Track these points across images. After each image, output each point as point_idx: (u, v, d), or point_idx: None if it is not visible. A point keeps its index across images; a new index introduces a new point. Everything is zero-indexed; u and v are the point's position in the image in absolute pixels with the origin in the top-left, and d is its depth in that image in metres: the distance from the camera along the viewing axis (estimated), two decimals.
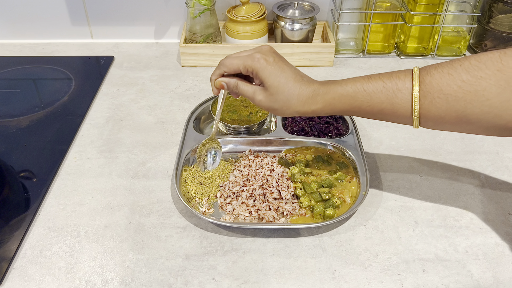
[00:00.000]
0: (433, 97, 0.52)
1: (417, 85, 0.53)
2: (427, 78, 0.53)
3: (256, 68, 0.59)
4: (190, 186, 0.70)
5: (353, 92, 0.57)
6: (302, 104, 0.59)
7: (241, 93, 0.62)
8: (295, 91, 0.58)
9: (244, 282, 0.58)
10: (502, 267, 0.59)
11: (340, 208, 0.66)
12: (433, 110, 0.53)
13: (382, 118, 0.58)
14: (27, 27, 1.11)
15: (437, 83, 0.52)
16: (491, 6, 1.00)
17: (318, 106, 0.59)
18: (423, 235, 0.63)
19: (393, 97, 0.55)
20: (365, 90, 0.56)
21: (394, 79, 0.55)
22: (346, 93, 0.57)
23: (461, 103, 0.51)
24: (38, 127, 0.84)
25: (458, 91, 0.51)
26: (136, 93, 0.94)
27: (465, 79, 0.50)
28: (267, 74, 0.58)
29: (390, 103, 0.55)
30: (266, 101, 0.60)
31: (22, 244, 0.63)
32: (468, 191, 0.71)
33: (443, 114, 0.53)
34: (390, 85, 0.55)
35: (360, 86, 0.56)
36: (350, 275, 0.58)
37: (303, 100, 0.58)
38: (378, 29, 1.03)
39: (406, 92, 0.54)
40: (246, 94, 0.62)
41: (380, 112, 0.57)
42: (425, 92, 0.53)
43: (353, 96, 0.57)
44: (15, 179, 0.74)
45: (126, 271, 0.59)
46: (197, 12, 0.97)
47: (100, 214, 0.67)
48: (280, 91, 0.59)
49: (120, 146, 0.80)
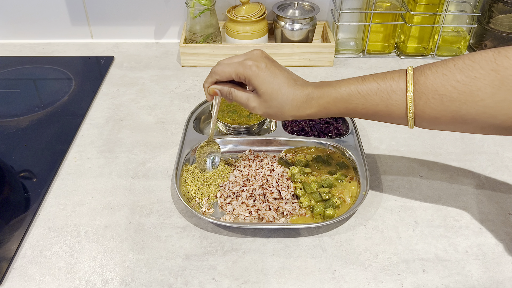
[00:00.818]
0: (427, 98, 0.52)
1: (411, 86, 0.53)
2: (421, 78, 0.53)
3: (248, 76, 0.58)
4: (190, 186, 0.70)
5: (347, 95, 0.56)
6: (297, 108, 0.58)
7: (234, 100, 0.62)
8: (289, 97, 0.58)
9: (244, 282, 0.58)
10: (502, 267, 0.59)
11: (340, 208, 0.66)
12: (428, 110, 0.53)
13: (378, 119, 0.58)
14: (27, 27, 1.11)
15: (432, 83, 0.52)
16: (491, 6, 1.00)
17: (313, 110, 0.58)
18: (423, 235, 0.64)
19: (387, 99, 0.54)
20: (359, 92, 0.56)
21: (388, 80, 0.55)
22: (341, 96, 0.57)
23: (456, 103, 0.51)
24: (38, 127, 0.84)
25: (452, 91, 0.51)
26: (136, 93, 0.94)
27: (459, 79, 0.50)
28: (260, 81, 0.58)
29: (384, 105, 0.55)
30: (261, 107, 0.60)
31: (22, 244, 0.63)
32: (468, 191, 0.71)
33: (438, 114, 0.53)
34: (384, 86, 0.55)
35: (354, 89, 0.56)
36: (350, 275, 0.58)
37: (297, 105, 0.58)
38: (378, 29, 1.03)
39: (401, 94, 0.54)
40: (240, 101, 0.61)
41: (375, 114, 0.57)
42: (419, 93, 0.52)
43: (347, 100, 0.56)
44: (15, 179, 0.74)
45: (126, 271, 0.59)
46: (197, 12, 0.97)
47: (100, 214, 0.67)
48: (273, 98, 0.58)
49: (120, 146, 0.80)
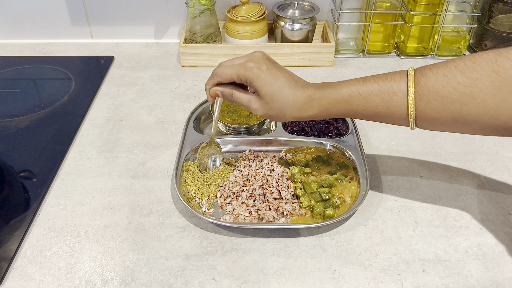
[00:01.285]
0: (428, 99, 0.52)
1: (412, 87, 0.53)
2: (422, 80, 0.53)
3: (250, 78, 0.58)
4: (190, 186, 0.70)
5: (348, 97, 0.56)
6: (298, 110, 0.58)
7: (236, 102, 0.62)
8: (290, 98, 0.58)
9: (244, 282, 0.58)
10: (502, 267, 0.59)
11: (340, 208, 0.66)
12: (428, 111, 0.53)
13: (378, 120, 0.58)
14: (27, 27, 1.11)
15: (433, 85, 0.52)
16: (491, 6, 1.00)
17: (314, 112, 0.58)
18: (423, 235, 0.64)
19: (388, 100, 0.54)
20: (360, 94, 0.56)
21: (389, 81, 0.55)
22: (341, 97, 0.57)
23: (456, 104, 0.51)
24: (38, 127, 0.84)
25: (453, 92, 0.51)
26: (136, 93, 0.94)
27: (460, 80, 0.50)
28: (261, 83, 0.58)
29: (385, 106, 0.55)
30: (262, 109, 0.60)
31: (22, 244, 0.63)
32: (468, 191, 0.71)
33: (439, 116, 0.53)
34: (385, 88, 0.55)
35: (355, 90, 0.56)
36: (350, 275, 0.58)
37: (298, 106, 0.58)
38: (378, 29, 1.03)
39: (402, 95, 0.54)
40: (242, 103, 0.61)
41: (376, 115, 0.57)
42: (420, 95, 0.53)
43: (348, 101, 0.57)
44: (15, 179, 0.74)
45: (126, 271, 0.59)
46: (197, 12, 0.97)
47: (100, 214, 0.67)
48: (275, 99, 0.58)
49: (120, 146, 0.80)
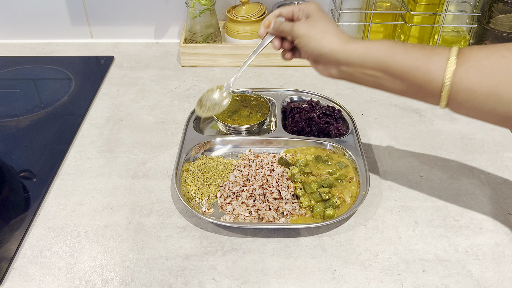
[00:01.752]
0: (468, 66, 0.52)
1: (456, 51, 0.53)
2: (465, 50, 0.53)
3: (308, 8, 0.63)
4: (190, 186, 0.70)
5: (389, 45, 0.57)
6: (337, 38, 0.60)
7: (282, 29, 0.65)
8: (333, 28, 0.61)
9: (244, 282, 0.58)
10: (502, 267, 0.59)
11: (340, 208, 0.66)
12: (465, 80, 0.52)
13: (410, 82, 0.56)
14: (27, 27, 1.11)
15: (476, 53, 0.52)
16: (491, 6, 1.00)
17: (353, 47, 0.59)
18: (423, 235, 0.64)
19: (429, 55, 0.54)
20: (402, 44, 0.57)
21: (432, 47, 0.56)
22: (383, 42, 0.58)
23: (495, 77, 0.50)
24: (38, 127, 0.84)
25: (495, 64, 0.50)
26: (136, 93, 0.94)
27: (505, 55, 0.50)
28: (316, 11, 0.63)
29: (425, 62, 0.54)
30: (305, 26, 0.62)
31: (22, 244, 0.63)
32: (468, 191, 0.71)
33: (475, 87, 0.52)
34: (428, 47, 0.55)
35: (397, 42, 0.57)
36: (350, 275, 0.58)
37: (339, 36, 0.60)
38: (378, 29, 1.03)
39: (443, 56, 0.53)
40: (286, 28, 0.65)
41: (412, 71, 0.55)
42: (461, 61, 0.52)
43: (389, 45, 0.57)
44: (15, 179, 0.74)
45: (126, 271, 0.59)
46: (197, 12, 0.97)
47: (100, 214, 0.67)
48: (322, 21, 0.62)
49: (120, 146, 0.80)
